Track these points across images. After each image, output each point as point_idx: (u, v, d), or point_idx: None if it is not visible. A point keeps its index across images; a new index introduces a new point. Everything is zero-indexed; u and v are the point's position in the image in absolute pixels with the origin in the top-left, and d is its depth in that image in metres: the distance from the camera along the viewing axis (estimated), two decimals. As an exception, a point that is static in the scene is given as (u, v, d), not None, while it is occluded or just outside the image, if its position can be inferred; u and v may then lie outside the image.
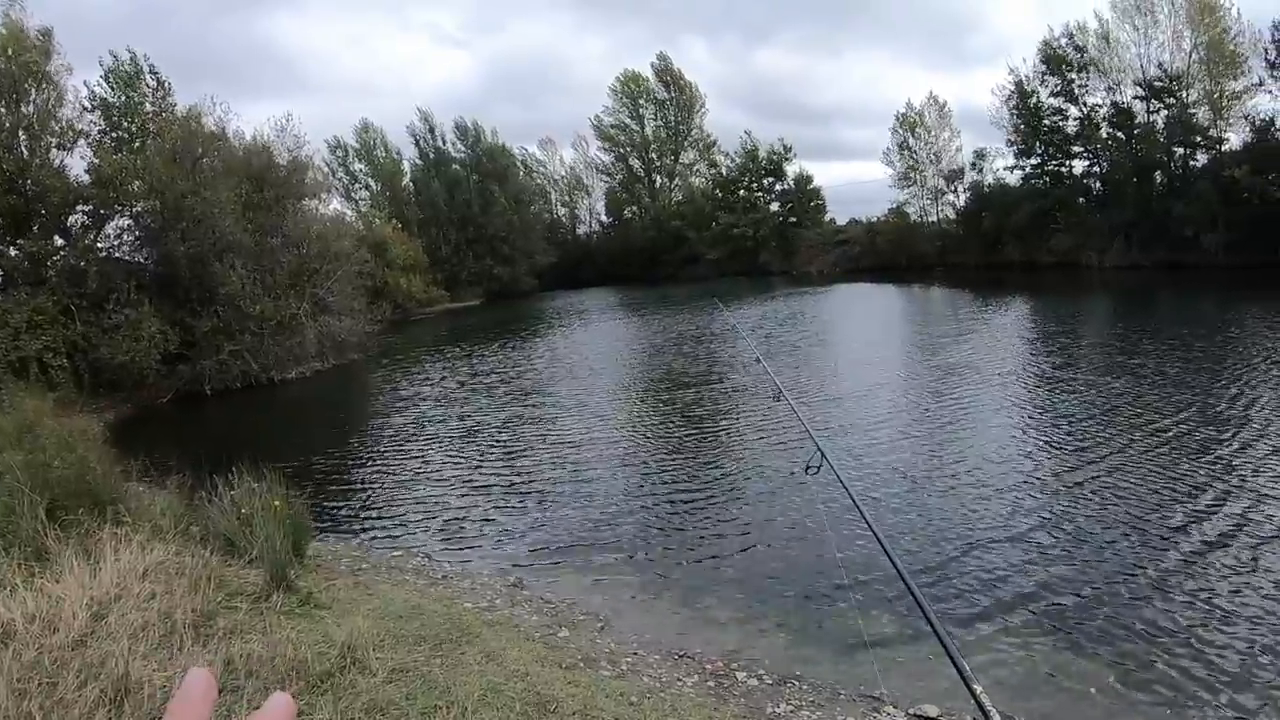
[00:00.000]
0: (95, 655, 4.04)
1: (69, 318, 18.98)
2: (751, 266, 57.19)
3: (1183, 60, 37.62)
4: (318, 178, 31.09)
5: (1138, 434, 10.49)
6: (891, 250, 51.07)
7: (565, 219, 72.30)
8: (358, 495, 11.07)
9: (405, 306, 42.21)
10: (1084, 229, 40.51)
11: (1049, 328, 21.60)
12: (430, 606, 6.01)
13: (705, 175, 66.93)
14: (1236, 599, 6.06)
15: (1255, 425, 10.56)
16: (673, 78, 65.45)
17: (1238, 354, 15.27)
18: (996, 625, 6.01)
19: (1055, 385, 14.07)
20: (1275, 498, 7.98)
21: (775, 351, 19.69)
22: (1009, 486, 9.01)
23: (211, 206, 20.92)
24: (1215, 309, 22.09)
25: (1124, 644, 5.56)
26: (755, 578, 7.20)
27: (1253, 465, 9.05)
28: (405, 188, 58.00)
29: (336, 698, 3.97)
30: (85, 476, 6.88)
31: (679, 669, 5.61)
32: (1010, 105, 44.49)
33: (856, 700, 5.15)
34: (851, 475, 9.35)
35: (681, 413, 14.11)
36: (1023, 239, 43.27)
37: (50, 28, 21.56)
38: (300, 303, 23.64)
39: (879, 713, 4.96)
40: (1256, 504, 7.88)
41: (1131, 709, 4.88)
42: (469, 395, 17.99)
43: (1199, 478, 8.79)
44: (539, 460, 12.03)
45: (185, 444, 14.18)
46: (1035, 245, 42.52)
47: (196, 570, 5.37)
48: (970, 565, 7.01)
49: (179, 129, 22.65)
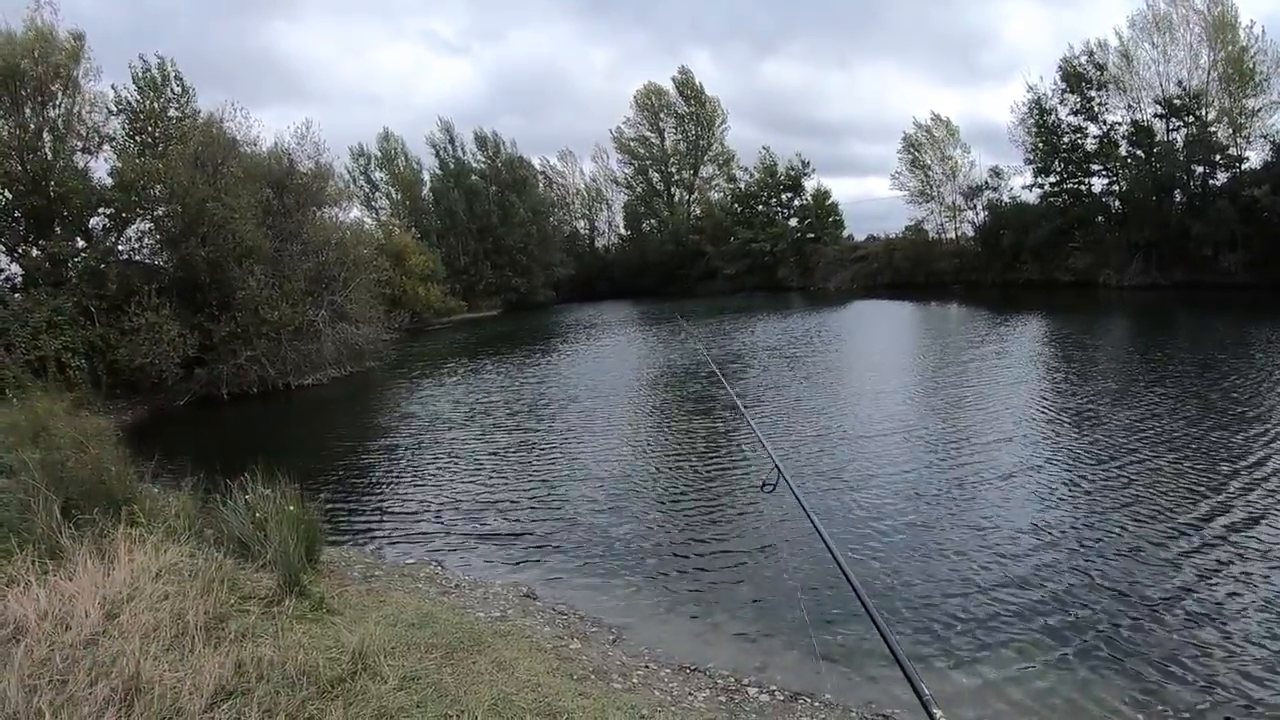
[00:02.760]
0: (106, 654, 4.06)
1: (88, 319, 19.14)
2: (769, 282, 57.31)
3: (1201, 78, 37.45)
4: (338, 185, 31.30)
5: (1149, 460, 10.36)
6: (909, 267, 50.98)
7: (584, 231, 72.59)
8: (371, 502, 11.07)
9: (422, 316, 42.41)
10: (1102, 248, 40.31)
11: (1065, 348, 21.41)
12: (442, 615, 5.99)
13: (724, 189, 67.22)
14: (1236, 620, 6.01)
15: (1269, 447, 10.44)
16: (693, 91, 65.91)
17: (1253, 374, 15.10)
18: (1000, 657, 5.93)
19: (1068, 410, 13.92)
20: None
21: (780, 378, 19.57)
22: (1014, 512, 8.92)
23: (232, 212, 21.07)
24: (1232, 328, 21.86)
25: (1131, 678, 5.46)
26: (769, 594, 7.13)
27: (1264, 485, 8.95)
28: (425, 197, 58.35)
29: (347, 704, 3.96)
30: (101, 476, 6.91)
31: (690, 683, 5.56)
32: (1028, 124, 44.40)
33: (869, 719, 5.08)
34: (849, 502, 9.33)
35: (699, 432, 14.03)
36: (1041, 257, 43.06)
37: (82, 31, 21.87)
38: (318, 310, 23.76)
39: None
40: (1258, 522, 7.85)
41: None
42: (485, 406, 17.98)
43: (1201, 495, 8.73)
44: (554, 472, 11.98)
45: (201, 447, 14.24)
46: (1053, 264, 42.33)
47: (209, 572, 5.37)
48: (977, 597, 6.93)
49: (201, 134, 22.87)
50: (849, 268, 55.56)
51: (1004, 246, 45.19)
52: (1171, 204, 38.39)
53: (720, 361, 21.92)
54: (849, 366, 20.59)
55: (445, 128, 59.38)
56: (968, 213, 50.58)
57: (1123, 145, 41.09)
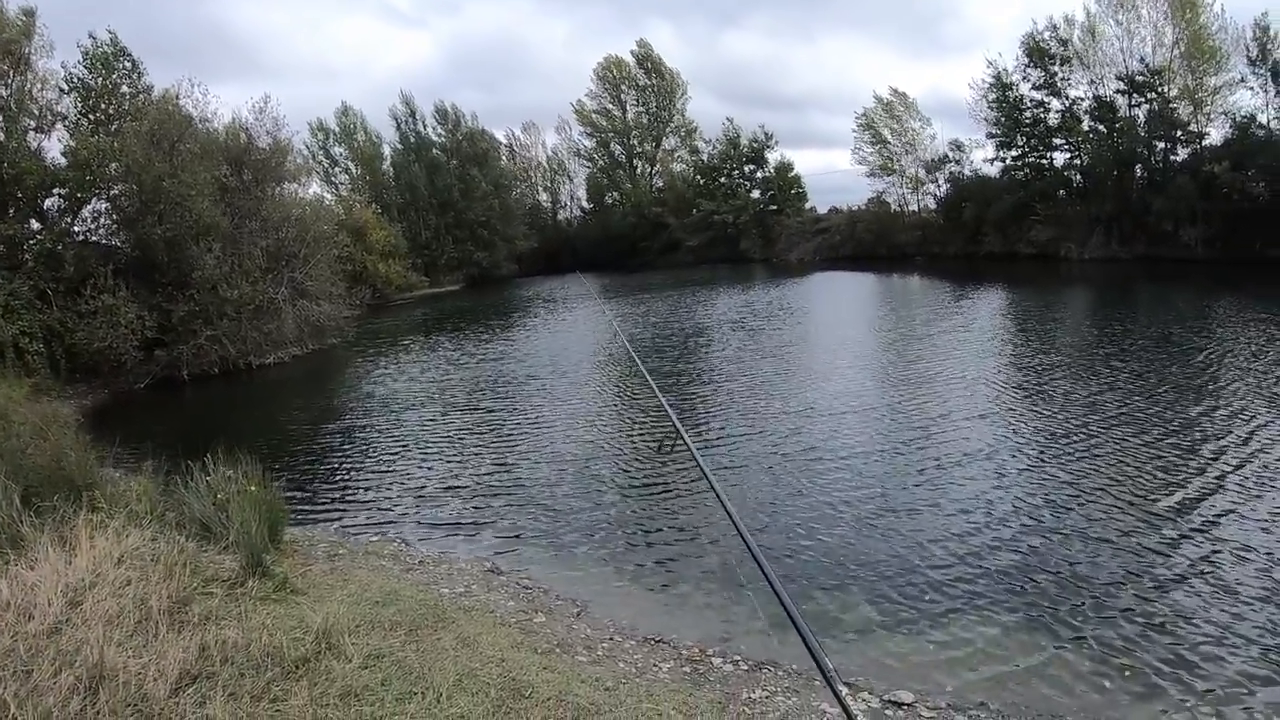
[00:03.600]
0: (70, 643, 4.05)
1: (45, 302, 18.72)
2: (732, 254, 57.31)
3: (1164, 55, 37.91)
4: (297, 161, 30.75)
5: (1106, 433, 10.64)
6: (872, 239, 51.16)
7: (547, 204, 72.03)
8: (335, 481, 11.05)
9: (384, 292, 41.98)
10: (1064, 221, 40.78)
11: (1026, 321, 21.80)
12: (406, 592, 6.04)
13: (687, 162, 66.97)
14: (1189, 591, 6.21)
15: (1225, 415, 10.80)
16: (653, 64, 65.34)
17: (1211, 347, 15.52)
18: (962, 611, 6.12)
19: (1027, 384, 14.24)
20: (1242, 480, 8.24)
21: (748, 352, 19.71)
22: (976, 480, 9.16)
23: (189, 189, 20.64)
24: (1191, 301, 22.40)
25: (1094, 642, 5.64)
26: (732, 566, 7.27)
27: (1220, 451, 9.28)
28: (385, 172, 57.44)
29: (312, 684, 4.00)
30: (60, 463, 6.85)
31: (655, 655, 5.64)
32: (990, 98, 44.74)
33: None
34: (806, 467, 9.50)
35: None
36: (1003, 230, 43.49)
37: (34, 7, 21.19)
38: (278, 287, 23.42)
39: (854, 699, 4.98)
40: (1213, 494, 8.12)
41: (1093, 701, 4.99)
42: (446, 382, 17.97)
43: (1158, 468, 8.98)
44: (517, 447, 12.04)
45: (162, 430, 14.09)
46: (1015, 236, 42.76)
47: (172, 556, 5.37)
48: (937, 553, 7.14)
49: (157, 110, 22.32)
50: (811, 240, 55.68)
51: (966, 219, 45.57)
52: (1133, 179, 38.95)
53: (685, 335, 22.05)
54: (806, 342, 20.77)
55: (406, 100, 58.40)
56: (930, 186, 51.03)
57: (1085, 120, 41.51)
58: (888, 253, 49.05)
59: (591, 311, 31.57)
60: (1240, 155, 32.12)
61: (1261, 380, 12.53)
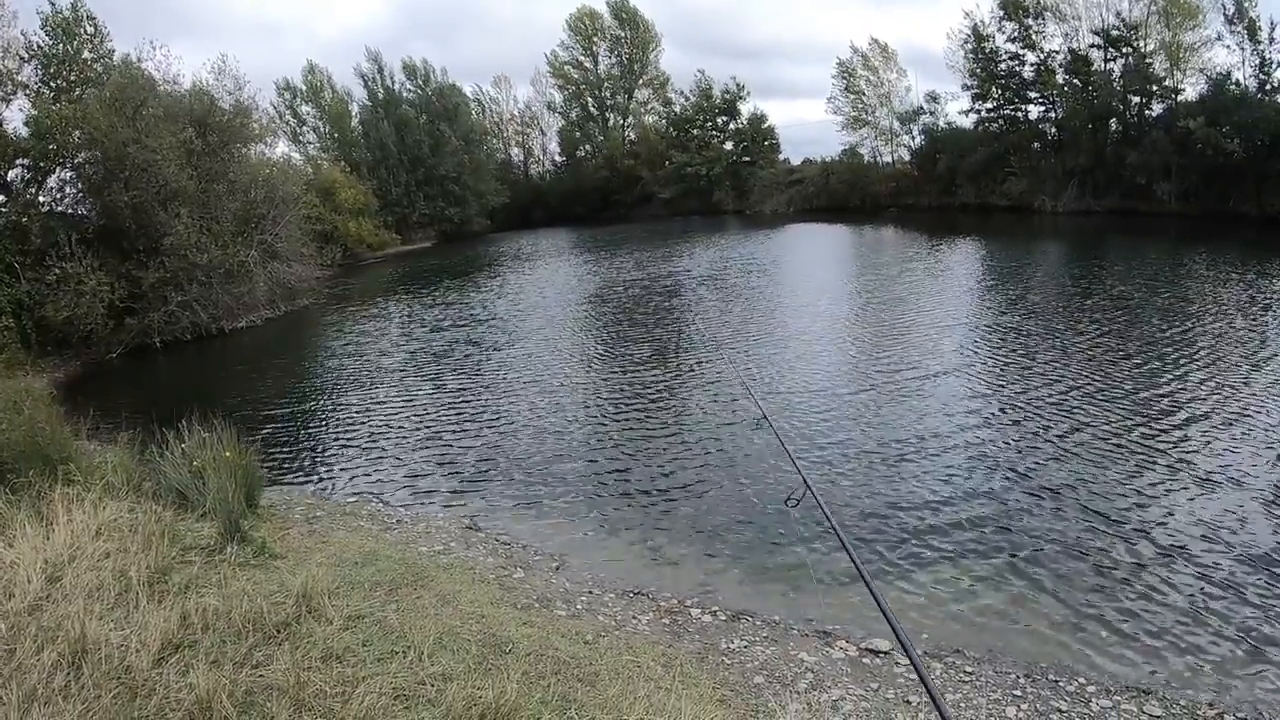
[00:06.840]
0: (51, 618, 4.07)
1: (13, 276, 18.35)
2: (705, 206, 57.26)
3: (1141, 10, 37.75)
4: (263, 121, 30.03)
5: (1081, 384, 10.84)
6: (845, 191, 51.01)
7: (519, 158, 71.08)
8: (311, 443, 11.04)
9: (355, 251, 41.40)
10: (1038, 174, 40.90)
11: (1000, 275, 22.04)
12: (385, 552, 6.10)
13: (659, 114, 66.20)
14: (1178, 537, 6.39)
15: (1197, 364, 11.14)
16: (627, 15, 64.15)
17: (1184, 297, 15.84)
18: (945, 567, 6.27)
19: (1003, 329, 14.45)
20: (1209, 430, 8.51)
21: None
22: (953, 432, 9.33)
23: (154, 154, 20.19)
24: (1164, 255, 22.70)
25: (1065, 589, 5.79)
26: (708, 518, 7.38)
27: (1192, 399, 9.56)
28: (354, 130, 56.30)
29: (294, 647, 4.05)
30: (35, 438, 6.80)
31: (634, 607, 5.74)
32: (966, 49, 44.48)
33: (809, 635, 5.29)
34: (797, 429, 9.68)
35: (633, 359, 14.20)
36: (976, 182, 43.57)
37: (-12, -25, 20.36)
38: (248, 250, 23.04)
39: (831, 647, 5.11)
40: (1188, 440, 8.35)
41: (1065, 648, 5.13)
42: (420, 340, 17.94)
43: (1134, 417, 9.22)
44: (492, 404, 12.10)
45: (136, 399, 13.95)
46: (989, 188, 42.88)
47: (149, 526, 5.38)
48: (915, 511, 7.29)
49: (119, 75, 21.70)
50: (785, 191, 55.37)
51: (940, 171, 45.60)
52: (1107, 132, 39.08)
53: (655, 291, 22.04)
54: (781, 295, 20.85)
55: (374, 57, 57.04)
56: (904, 137, 50.84)
57: (1059, 73, 41.39)
58: (861, 204, 49.01)
59: (559, 267, 31.49)
60: (1215, 111, 32.17)
61: (1233, 329, 12.88)
